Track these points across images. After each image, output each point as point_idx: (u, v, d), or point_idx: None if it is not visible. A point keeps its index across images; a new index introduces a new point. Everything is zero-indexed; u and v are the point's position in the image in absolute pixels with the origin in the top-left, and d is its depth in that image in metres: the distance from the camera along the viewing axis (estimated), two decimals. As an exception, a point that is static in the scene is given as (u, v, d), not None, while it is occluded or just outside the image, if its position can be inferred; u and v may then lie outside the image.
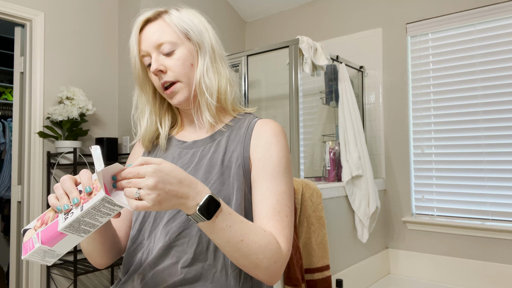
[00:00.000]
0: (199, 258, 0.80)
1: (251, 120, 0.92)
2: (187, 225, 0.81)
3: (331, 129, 2.65)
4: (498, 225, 2.17)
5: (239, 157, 0.86)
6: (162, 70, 0.86)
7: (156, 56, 0.86)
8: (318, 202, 1.72)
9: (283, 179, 0.84)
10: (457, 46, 2.36)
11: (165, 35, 0.85)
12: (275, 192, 0.82)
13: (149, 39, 0.86)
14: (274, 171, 0.83)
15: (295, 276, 1.56)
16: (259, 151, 0.85)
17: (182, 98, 0.87)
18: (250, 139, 0.88)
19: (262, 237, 0.75)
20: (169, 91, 0.87)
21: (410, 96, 2.53)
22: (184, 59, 0.86)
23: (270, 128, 0.88)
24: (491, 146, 2.24)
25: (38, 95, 2.26)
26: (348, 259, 2.12)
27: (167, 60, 0.86)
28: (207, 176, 0.84)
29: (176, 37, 0.86)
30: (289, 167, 0.87)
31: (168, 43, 0.85)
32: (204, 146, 0.90)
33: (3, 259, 3.52)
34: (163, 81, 0.86)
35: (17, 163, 2.32)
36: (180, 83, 0.86)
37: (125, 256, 0.88)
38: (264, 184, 0.83)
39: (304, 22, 3.04)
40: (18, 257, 2.30)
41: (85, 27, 2.50)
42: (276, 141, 0.86)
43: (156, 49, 0.86)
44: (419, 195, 2.49)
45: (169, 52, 0.85)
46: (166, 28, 0.86)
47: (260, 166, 0.84)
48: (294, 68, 2.02)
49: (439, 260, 2.36)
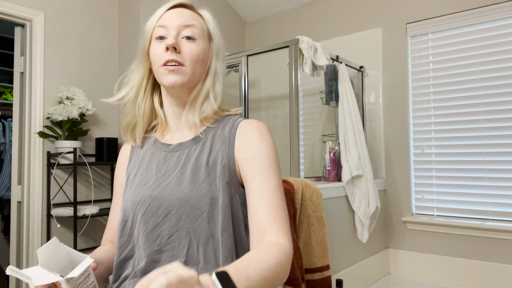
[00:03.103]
0: (192, 261, 0.79)
1: (235, 120, 0.91)
2: (176, 228, 0.80)
3: (331, 129, 2.65)
4: (498, 225, 2.17)
5: (224, 157, 0.85)
6: (176, 48, 0.84)
7: (175, 34, 0.84)
8: (318, 202, 1.72)
9: (275, 174, 0.83)
10: (457, 46, 2.36)
11: (196, 21, 0.87)
12: (269, 186, 0.81)
13: (178, 17, 0.86)
14: (265, 166, 0.83)
15: (295, 276, 1.56)
16: (245, 151, 0.85)
17: (179, 81, 0.84)
18: (234, 139, 0.87)
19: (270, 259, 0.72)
20: (172, 68, 0.83)
21: (410, 96, 2.53)
22: (200, 53, 0.86)
23: (255, 127, 0.88)
24: (491, 146, 2.24)
25: (38, 95, 2.26)
26: (348, 259, 2.12)
27: (185, 43, 0.85)
28: (193, 178, 0.83)
29: (203, 30, 0.88)
30: (277, 162, 0.86)
31: (195, 28, 0.86)
32: (189, 148, 0.89)
33: (3, 259, 3.52)
34: (171, 58, 0.83)
35: (17, 163, 2.32)
36: (185, 68, 0.84)
37: (116, 263, 0.86)
38: (257, 179, 0.82)
39: (304, 22, 3.04)
40: (18, 257, 2.30)
41: (85, 27, 2.50)
42: (263, 139, 0.86)
43: (178, 29, 0.85)
44: (419, 195, 2.49)
45: (191, 37, 0.85)
46: (197, 18, 0.88)
47: (250, 163, 0.83)
48: (294, 68, 2.02)
49: (439, 260, 2.36)
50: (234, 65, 2.35)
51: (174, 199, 0.81)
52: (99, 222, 2.54)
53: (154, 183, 0.86)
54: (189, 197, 0.80)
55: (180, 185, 0.82)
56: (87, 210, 2.24)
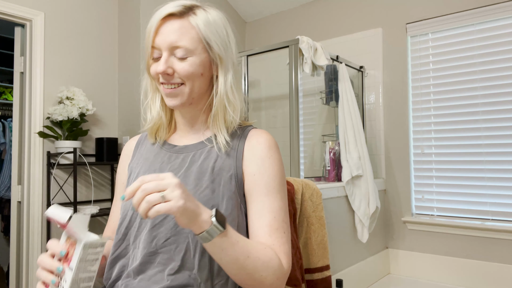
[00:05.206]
0: (187, 266, 0.78)
1: (244, 129, 0.89)
2: (174, 231, 0.79)
3: (331, 129, 2.65)
4: (498, 225, 2.17)
5: (231, 167, 0.84)
6: (169, 74, 0.81)
7: (167, 56, 0.80)
8: (318, 202, 1.72)
9: (278, 194, 0.82)
10: (457, 46, 2.36)
11: (184, 39, 0.79)
12: (271, 209, 0.80)
13: (166, 38, 0.79)
14: (269, 187, 0.82)
15: (295, 276, 1.56)
16: (252, 165, 0.83)
17: (179, 103, 0.84)
18: (243, 149, 0.86)
19: (264, 253, 0.74)
20: (169, 91, 0.82)
21: (410, 96, 2.53)
22: (196, 68, 0.81)
23: (265, 141, 0.86)
24: (491, 146, 2.24)
25: (38, 95, 2.26)
26: (348, 259, 2.12)
27: (177, 64, 0.81)
28: (197, 183, 0.82)
29: (195, 44, 0.80)
30: (283, 182, 0.85)
31: (184, 48, 0.79)
32: (195, 152, 0.87)
33: (3, 259, 3.52)
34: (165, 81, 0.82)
35: (17, 163, 2.31)
36: (184, 86, 0.82)
37: (109, 260, 0.85)
38: (259, 201, 0.81)
39: (304, 22, 3.04)
40: (18, 257, 2.30)
41: (85, 27, 2.50)
42: (270, 156, 0.84)
43: (170, 50, 0.80)
44: (419, 195, 2.49)
45: (183, 57, 0.80)
46: (187, 31, 0.80)
47: (254, 182, 0.82)
48: (294, 68, 2.02)
49: (439, 260, 2.36)
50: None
51: None
52: (99, 222, 2.54)
53: None
54: None
55: None
56: (87, 210, 2.24)
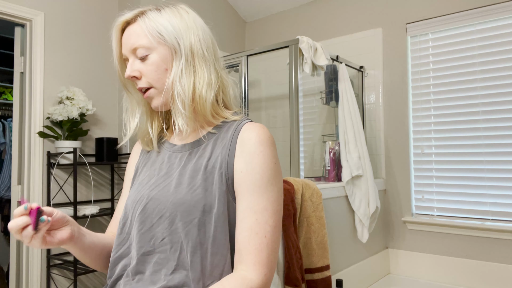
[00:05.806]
0: (183, 266, 0.78)
1: (239, 123, 0.86)
2: (169, 231, 0.79)
3: (331, 129, 2.65)
4: (498, 225, 2.17)
5: (222, 163, 0.82)
6: (137, 76, 0.84)
7: (132, 61, 0.84)
8: (318, 202, 1.72)
9: (265, 193, 0.79)
10: (457, 46, 2.36)
11: (140, 39, 0.82)
12: (255, 209, 0.78)
13: (126, 43, 0.84)
14: (255, 185, 0.79)
15: (295, 276, 1.56)
16: (241, 162, 0.81)
17: (158, 104, 0.86)
18: (235, 144, 0.83)
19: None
20: (145, 96, 0.86)
21: (410, 96, 2.53)
22: (158, 64, 0.83)
23: (256, 135, 0.81)
24: (491, 146, 2.24)
25: (38, 95, 2.26)
26: (348, 259, 2.12)
27: (141, 65, 0.84)
28: (190, 181, 0.81)
29: (149, 39, 0.82)
30: (274, 180, 0.81)
31: (142, 47, 0.82)
32: (191, 151, 0.87)
33: (3, 259, 3.52)
34: (138, 87, 0.86)
35: (17, 163, 2.32)
36: (153, 89, 0.85)
37: (112, 260, 0.86)
38: (244, 200, 0.79)
39: (304, 22, 3.04)
40: (18, 257, 2.30)
41: (85, 27, 2.50)
42: (260, 152, 0.80)
43: (133, 54, 0.84)
44: (419, 195, 2.49)
45: (143, 57, 0.83)
46: (142, 31, 0.83)
47: (242, 179, 0.80)
48: (294, 68, 2.02)
49: (439, 260, 2.36)
50: (234, 65, 2.35)
51: (168, 202, 0.80)
52: (99, 222, 2.54)
53: (154, 183, 0.86)
54: (183, 202, 0.79)
55: (177, 188, 0.82)
56: (87, 210, 2.24)
